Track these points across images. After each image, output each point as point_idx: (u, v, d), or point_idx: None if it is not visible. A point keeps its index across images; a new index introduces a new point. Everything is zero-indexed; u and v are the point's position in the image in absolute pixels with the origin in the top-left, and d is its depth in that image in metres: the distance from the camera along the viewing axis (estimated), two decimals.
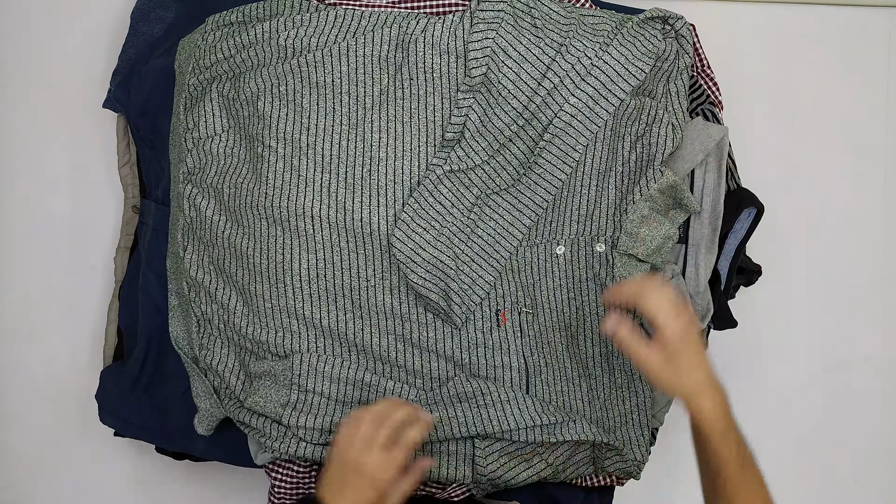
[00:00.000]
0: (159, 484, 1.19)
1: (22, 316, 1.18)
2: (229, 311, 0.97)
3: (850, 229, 1.22)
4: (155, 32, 1.08)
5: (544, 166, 0.96)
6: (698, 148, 0.99)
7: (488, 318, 0.98)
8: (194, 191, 0.98)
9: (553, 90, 0.95)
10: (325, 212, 0.94)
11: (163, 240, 1.03)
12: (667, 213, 1.00)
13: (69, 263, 1.18)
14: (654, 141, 0.98)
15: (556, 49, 0.96)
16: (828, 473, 1.24)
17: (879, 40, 1.22)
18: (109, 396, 1.06)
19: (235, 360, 0.98)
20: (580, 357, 1.00)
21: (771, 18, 1.21)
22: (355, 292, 0.95)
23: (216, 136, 0.98)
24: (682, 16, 0.99)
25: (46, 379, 1.19)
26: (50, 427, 1.19)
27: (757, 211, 1.00)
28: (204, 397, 0.99)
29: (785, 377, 1.23)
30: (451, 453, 0.97)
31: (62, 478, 1.19)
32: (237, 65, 0.97)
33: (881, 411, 1.23)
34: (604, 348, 1.01)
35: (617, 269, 0.99)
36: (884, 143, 1.22)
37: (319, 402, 0.95)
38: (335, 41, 0.96)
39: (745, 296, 1.17)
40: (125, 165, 1.12)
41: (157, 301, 1.04)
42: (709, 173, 1.01)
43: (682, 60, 0.99)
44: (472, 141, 0.95)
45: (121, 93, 1.07)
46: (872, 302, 1.23)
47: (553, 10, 0.98)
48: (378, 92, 0.96)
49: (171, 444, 1.06)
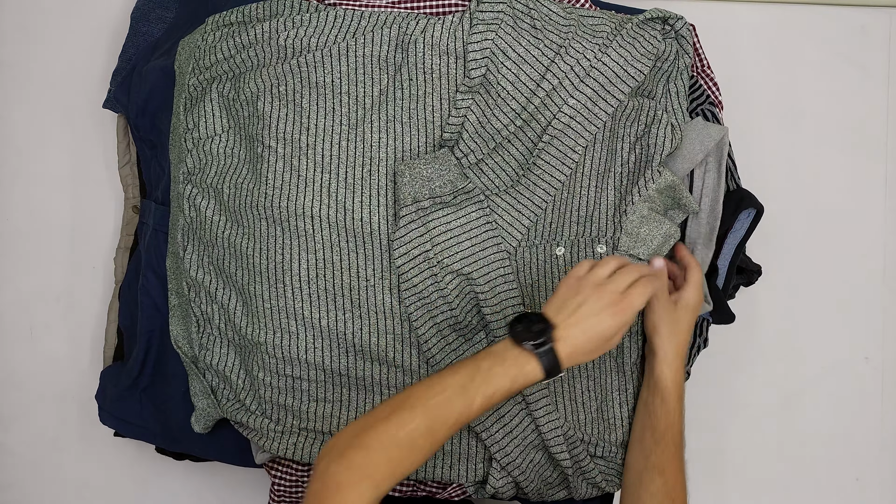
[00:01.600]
0: (159, 484, 1.19)
1: (22, 316, 1.18)
2: (229, 312, 0.97)
3: (850, 229, 1.22)
4: (155, 32, 1.08)
5: (543, 167, 0.96)
6: (698, 148, 0.99)
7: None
8: (194, 191, 0.98)
9: (552, 91, 0.95)
10: (325, 212, 0.94)
11: (163, 240, 1.03)
12: (665, 214, 1.00)
13: (69, 263, 1.18)
14: (654, 142, 0.98)
15: (556, 50, 0.96)
16: (828, 473, 1.24)
17: (879, 40, 1.22)
18: (109, 397, 1.06)
19: (236, 359, 0.99)
20: None
21: (771, 18, 1.21)
22: (355, 292, 0.95)
23: (216, 137, 0.98)
24: (682, 16, 0.99)
25: (46, 379, 1.19)
26: (50, 427, 1.19)
27: (756, 211, 1.00)
28: (201, 396, 0.99)
29: (785, 377, 1.23)
30: (452, 453, 0.97)
31: (62, 478, 1.19)
32: (237, 65, 0.97)
33: (881, 411, 1.23)
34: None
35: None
36: (884, 143, 1.22)
37: (300, 385, 0.96)
38: (335, 41, 0.96)
39: (745, 296, 1.17)
40: (125, 165, 1.12)
41: (156, 301, 1.04)
42: (708, 173, 1.01)
43: (681, 61, 0.99)
44: (471, 141, 0.95)
45: (121, 93, 1.07)
46: (872, 302, 1.23)
47: (553, 10, 0.97)
48: (378, 92, 0.96)
49: (171, 444, 1.06)
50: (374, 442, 0.74)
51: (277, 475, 1.01)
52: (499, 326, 0.95)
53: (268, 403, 0.97)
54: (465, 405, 0.77)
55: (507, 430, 0.95)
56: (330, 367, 0.96)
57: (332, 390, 0.96)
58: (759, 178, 1.14)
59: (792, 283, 1.22)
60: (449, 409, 0.76)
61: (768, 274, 1.09)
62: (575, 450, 0.97)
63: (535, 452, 0.97)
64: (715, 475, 1.22)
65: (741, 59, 1.20)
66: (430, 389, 0.77)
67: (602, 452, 0.99)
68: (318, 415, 0.96)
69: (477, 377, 0.77)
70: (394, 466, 0.74)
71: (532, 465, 0.97)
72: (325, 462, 0.74)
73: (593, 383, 1.00)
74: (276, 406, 0.97)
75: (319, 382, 0.96)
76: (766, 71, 1.21)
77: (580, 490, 0.99)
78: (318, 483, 0.73)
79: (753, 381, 1.23)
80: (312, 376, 0.96)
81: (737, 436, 1.23)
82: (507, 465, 0.96)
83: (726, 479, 1.23)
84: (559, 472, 0.98)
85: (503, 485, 0.97)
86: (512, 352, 0.79)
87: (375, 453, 0.74)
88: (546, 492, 0.99)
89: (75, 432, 1.19)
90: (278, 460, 1.01)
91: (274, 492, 1.01)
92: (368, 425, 0.75)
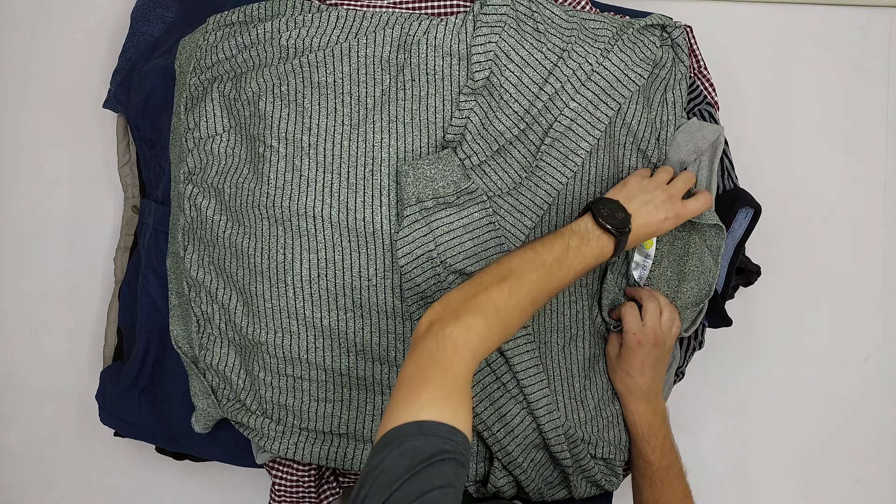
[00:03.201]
0: (159, 484, 1.19)
1: (22, 316, 1.18)
2: (229, 312, 0.97)
3: (850, 229, 1.22)
4: (155, 32, 1.08)
5: (545, 169, 0.96)
6: (691, 148, 0.99)
7: None
8: (195, 191, 0.98)
9: (554, 95, 0.95)
10: (327, 211, 0.94)
11: (163, 240, 1.03)
12: None
13: (69, 263, 1.18)
14: (653, 150, 0.99)
15: (559, 54, 0.96)
16: (828, 473, 1.24)
17: (879, 40, 1.22)
18: (109, 397, 1.06)
19: (236, 359, 0.99)
20: (575, 358, 1.00)
21: (770, 18, 1.21)
22: (356, 292, 0.95)
23: (217, 136, 0.98)
24: (680, 24, 0.99)
25: (46, 379, 1.18)
26: (50, 427, 1.19)
27: (754, 211, 1.00)
28: (201, 396, 0.99)
29: (785, 377, 1.23)
30: None
31: (62, 478, 1.19)
32: (238, 65, 0.97)
33: (881, 411, 1.23)
34: (598, 350, 1.02)
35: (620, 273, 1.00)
36: (884, 143, 1.22)
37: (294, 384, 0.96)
38: (337, 42, 0.96)
39: (745, 296, 1.17)
40: (125, 165, 1.12)
41: (156, 301, 1.03)
42: (701, 171, 1.01)
43: (678, 69, 0.99)
44: (474, 143, 0.95)
45: (121, 93, 1.07)
46: (872, 302, 1.23)
47: (555, 13, 0.98)
48: (379, 93, 0.96)
49: (171, 444, 1.06)
50: (488, 307, 0.77)
51: (278, 475, 1.01)
52: None
53: (268, 403, 0.97)
54: (561, 278, 0.85)
55: (508, 430, 0.95)
56: (331, 366, 0.96)
57: (332, 390, 0.96)
58: (759, 178, 1.14)
59: (791, 284, 1.22)
60: (549, 282, 0.83)
61: (768, 274, 1.09)
62: (575, 448, 0.97)
63: (536, 451, 0.97)
64: (715, 475, 1.22)
65: (741, 59, 1.20)
66: (531, 262, 0.83)
67: (602, 453, 0.99)
68: (318, 414, 0.96)
69: (570, 253, 0.85)
70: (502, 333, 0.78)
71: (533, 464, 0.97)
72: (440, 324, 0.75)
73: (590, 382, 1.01)
74: (276, 406, 0.97)
75: (320, 382, 0.96)
76: (766, 71, 1.21)
77: (580, 489, 0.99)
78: (433, 342, 0.74)
79: (753, 381, 1.23)
80: (313, 376, 0.96)
81: (737, 436, 1.23)
82: (509, 464, 0.96)
83: (726, 480, 1.23)
84: (560, 472, 0.99)
85: (504, 484, 0.97)
86: (595, 232, 0.88)
87: (491, 318, 0.76)
88: (547, 491, 0.99)
89: (75, 432, 1.18)
90: (279, 460, 1.01)
91: (274, 492, 1.01)
92: (478, 291, 0.78)
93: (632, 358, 0.96)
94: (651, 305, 0.96)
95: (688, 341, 1.06)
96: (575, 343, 1.00)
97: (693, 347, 1.06)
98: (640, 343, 0.95)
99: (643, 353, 0.96)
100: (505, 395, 0.96)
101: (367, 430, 0.96)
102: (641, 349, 0.96)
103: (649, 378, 0.97)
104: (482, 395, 0.95)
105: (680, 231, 1.00)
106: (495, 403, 0.95)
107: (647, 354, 0.96)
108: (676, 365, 1.05)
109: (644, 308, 0.96)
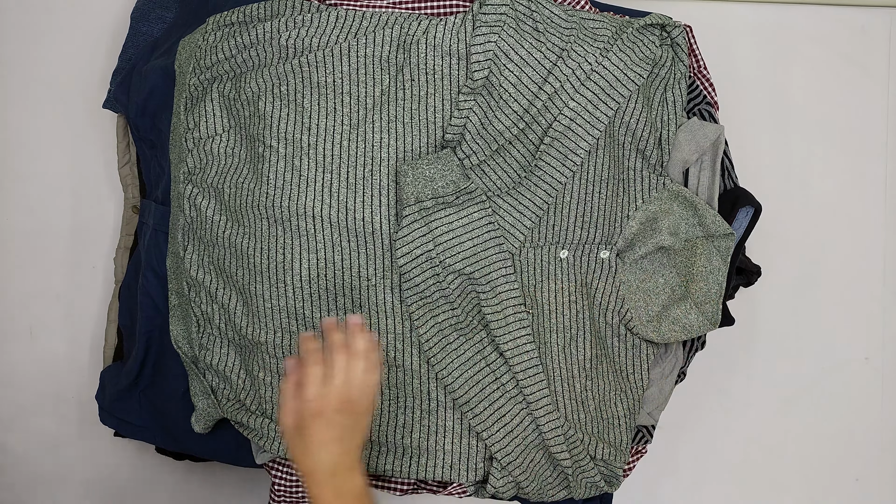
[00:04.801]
0: (159, 484, 1.19)
1: (22, 316, 1.18)
2: (229, 312, 0.97)
3: (850, 229, 1.22)
4: (155, 32, 1.08)
5: (545, 169, 0.96)
6: (693, 147, 0.99)
7: None
8: (195, 191, 0.98)
9: (553, 94, 0.95)
10: (327, 211, 0.94)
11: (163, 240, 1.03)
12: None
13: (69, 263, 1.18)
14: (652, 150, 0.99)
15: (558, 54, 0.96)
16: (828, 473, 1.24)
17: (879, 40, 1.22)
18: (109, 397, 1.06)
19: (236, 359, 0.99)
20: (576, 359, 1.00)
21: (770, 18, 1.21)
22: (356, 291, 0.95)
23: (217, 136, 0.98)
24: (680, 24, 0.99)
25: (46, 379, 1.19)
26: (50, 427, 1.19)
27: (754, 210, 1.00)
28: (201, 396, 0.99)
29: (785, 377, 1.23)
30: (453, 452, 0.97)
31: (62, 478, 1.19)
32: (238, 65, 0.97)
33: (882, 411, 1.24)
34: (599, 351, 1.02)
35: (618, 276, 1.00)
36: (884, 143, 1.22)
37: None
38: (336, 41, 0.96)
39: (745, 296, 1.17)
40: (125, 165, 1.12)
41: (156, 301, 1.03)
42: (703, 171, 1.01)
43: (678, 68, 0.99)
44: (473, 143, 0.95)
45: (121, 93, 1.07)
46: (872, 302, 1.23)
47: (554, 13, 0.98)
48: (379, 93, 0.96)
49: (171, 444, 1.06)
50: None
51: (277, 475, 1.01)
52: (499, 326, 0.95)
53: (268, 403, 0.97)
54: None
55: (507, 430, 0.95)
56: None
57: None
58: (759, 178, 1.14)
59: (791, 284, 1.22)
60: None
61: (768, 274, 1.09)
62: (575, 449, 0.97)
63: (535, 452, 0.97)
64: (715, 476, 1.22)
65: (741, 59, 1.20)
66: None
67: (602, 454, 0.99)
68: None
69: None
70: None
71: (533, 464, 0.97)
72: None
73: (591, 383, 1.01)
74: (276, 406, 0.97)
75: None
76: (766, 71, 1.21)
77: (580, 490, 0.99)
78: None
79: (753, 381, 1.23)
80: None
81: (737, 436, 1.23)
82: (508, 464, 0.96)
83: (727, 480, 1.23)
84: (559, 472, 0.99)
85: (503, 484, 0.97)
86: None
87: None
88: (546, 492, 0.99)
89: (75, 432, 1.19)
90: (278, 460, 1.01)
91: (274, 492, 1.01)
92: None
93: (307, 433, 0.77)
94: (338, 360, 0.78)
95: (690, 342, 1.06)
96: (575, 343, 1.00)
97: (695, 348, 1.06)
98: (320, 413, 0.77)
99: (325, 423, 0.77)
100: (504, 395, 0.96)
101: None
102: (322, 419, 0.77)
103: (336, 454, 0.77)
104: (481, 395, 0.95)
105: (688, 234, 1.00)
106: (494, 404, 0.95)
107: (323, 428, 0.77)
108: (679, 366, 1.05)
109: (311, 373, 0.78)
